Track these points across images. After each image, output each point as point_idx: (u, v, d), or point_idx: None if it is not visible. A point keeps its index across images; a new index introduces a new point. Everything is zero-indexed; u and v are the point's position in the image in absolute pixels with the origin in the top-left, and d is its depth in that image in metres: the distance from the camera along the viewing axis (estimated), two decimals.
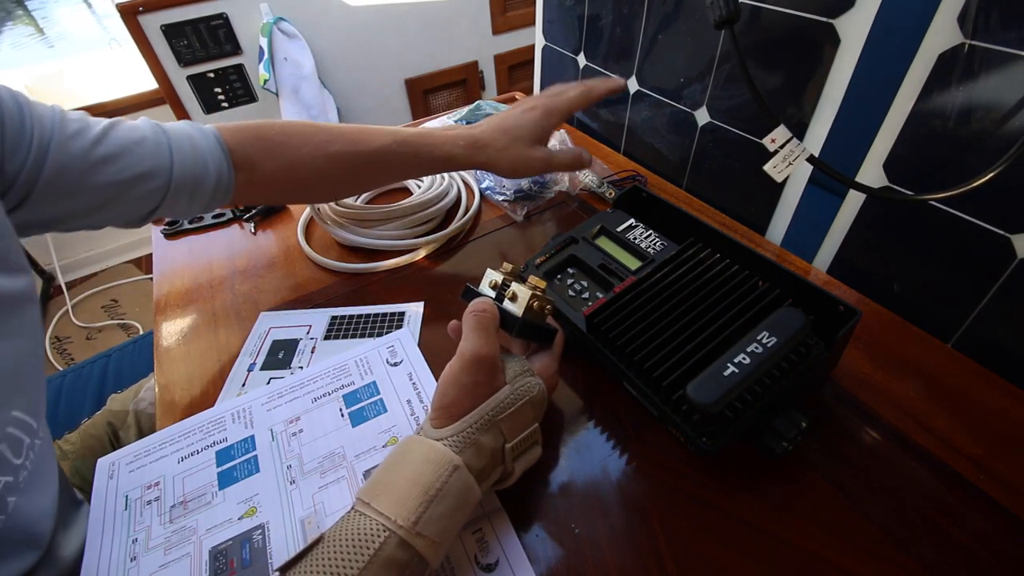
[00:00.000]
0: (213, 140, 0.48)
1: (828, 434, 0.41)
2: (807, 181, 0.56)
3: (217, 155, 0.47)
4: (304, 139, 0.51)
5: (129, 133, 0.44)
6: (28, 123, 0.38)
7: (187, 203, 0.47)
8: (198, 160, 0.46)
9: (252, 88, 1.65)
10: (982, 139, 0.41)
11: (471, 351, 0.35)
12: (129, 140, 0.43)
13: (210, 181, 0.47)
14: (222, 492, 0.40)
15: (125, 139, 0.43)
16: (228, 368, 0.51)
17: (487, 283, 0.42)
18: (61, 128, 0.40)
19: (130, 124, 0.45)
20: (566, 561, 0.36)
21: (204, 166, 0.46)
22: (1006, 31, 0.37)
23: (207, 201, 0.48)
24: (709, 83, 0.62)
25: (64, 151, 0.39)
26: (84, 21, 2.68)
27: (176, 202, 0.46)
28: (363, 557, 0.28)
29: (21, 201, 0.38)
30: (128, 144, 0.43)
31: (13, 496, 0.34)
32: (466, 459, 0.33)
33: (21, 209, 0.39)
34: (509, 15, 1.95)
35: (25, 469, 0.35)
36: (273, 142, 0.50)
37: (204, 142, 0.47)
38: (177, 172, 0.45)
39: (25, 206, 0.39)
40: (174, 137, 0.46)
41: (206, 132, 0.48)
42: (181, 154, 0.45)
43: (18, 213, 0.39)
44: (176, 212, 0.48)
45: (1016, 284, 0.42)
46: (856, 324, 0.40)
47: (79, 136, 0.41)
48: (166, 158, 0.45)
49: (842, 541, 0.35)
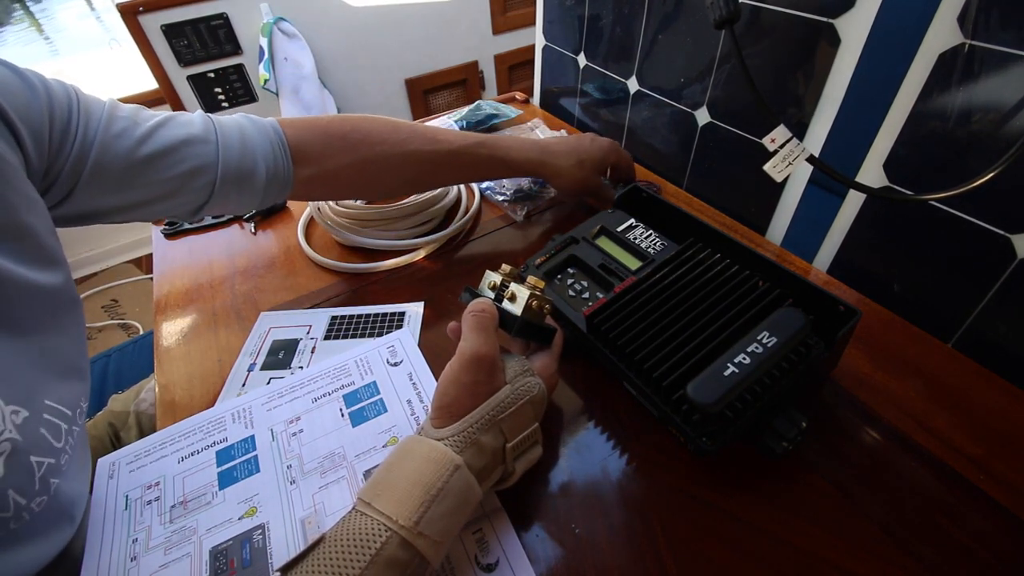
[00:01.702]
0: (270, 134, 0.48)
1: (828, 434, 0.41)
2: (807, 181, 0.56)
3: (269, 149, 0.48)
4: (381, 136, 0.52)
5: (177, 131, 0.44)
6: (76, 120, 0.39)
7: (237, 197, 0.48)
8: (246, 155, 0.46)
9: (252, 88, 1.65)
10: (982, 139, 0.41)
11: (471, 350, 0.35)
12: (176, 139, 0.43)
13: (260, 176, 0.47)
14: (222, 492, 0.40)
15: (172, 138, 0.43)
16: (228, 368, 0.51)
17: (486, 284, 0.42)
18: (107, 127, 0.41)
19: (182, 120, 0.45)
20: (566, 561, 0.36)
21: (252, 160, 0.47)
22: (1006, 31, 0.37)
23: (260, 196, 0.48)
24: (709, 83, 0.62)
25: (106, 151, 0.40)
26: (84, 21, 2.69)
27: (226, 197, 0.47)
28: (364, 557, 0.28)
29: (66, 196, 0.40)
30: (174, 143, 0.43)
31: (56, 478, 0.36)
32: (467, 459, 0.33)
33: (65, 204, 0.40)
34: (509, 15, 1.95)
35: (66, 453, 0.36)
36: (347, 139, 0.51)
37: (257, 136, 0.47)
38: (223, 168, 0.45)
39: (69, 201, 0.40)
40: (224, 131, 0.46)
41: (262, 126, 0.49)
42: (228, 149, 0.46)
43: (62, 207, 0.40)
44: (229, 206, 0.49)
45: (1016, 284, 0.42)
46: (856, 324, 0.40)
47: (124, 135, 0.41)
48: (212, 155, 0.45)
49: (842, 541, 0.35)
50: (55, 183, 0.39)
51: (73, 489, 0.39)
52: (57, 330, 0.37)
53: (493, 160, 0.57)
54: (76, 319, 0.40)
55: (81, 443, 0.41)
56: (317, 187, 0.52)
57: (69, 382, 0.38)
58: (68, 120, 0.39)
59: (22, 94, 0.36)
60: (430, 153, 0.54)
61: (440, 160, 0.55)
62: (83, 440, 0.42)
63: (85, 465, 0.42)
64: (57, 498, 0.36)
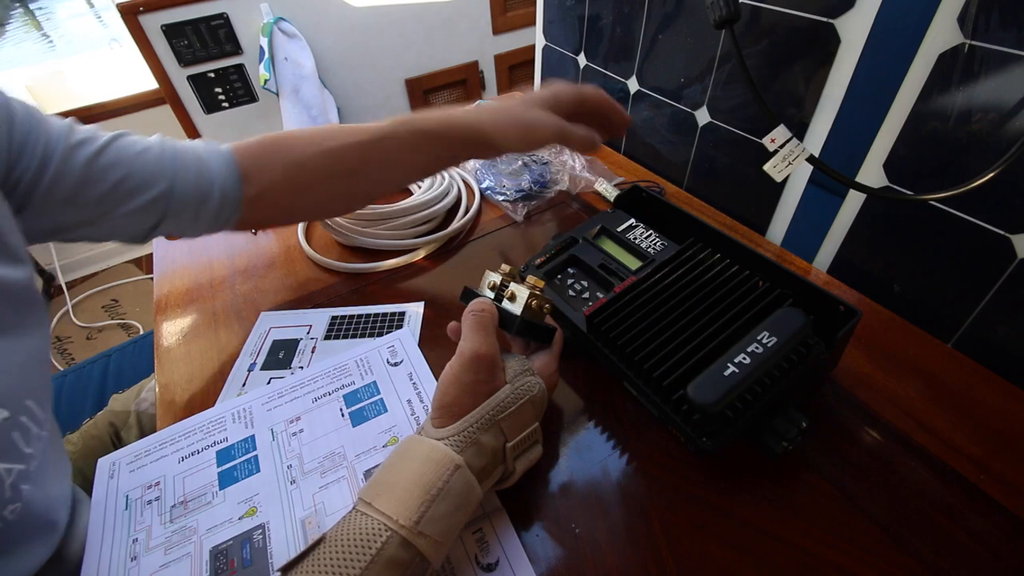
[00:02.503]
0: (225, 157, 0.47)
1: (828, 434, 0.41)
2: (807, 181, 0.56)
3: (224, 172, 0.47)
4: (308, 139, 0.49)
5: (132, 146, 0.43)
6: (37, 131, 0.39)
7: (192, 220, 0.46)
8: (203, 177, 0.45)
9: (252, 88, 1.65)
10: (982, 139, 0.41)
11: (470, 350, 0.35)
12: (131, 152, 0.43)
13: (215, 199, 0.46)
14: (222, 492, 0.40)
15: (127, 151, 0.43)
16: (228, 368, 0.51)
17: (485, 284, 0.42)
18: (67, 138, 0.40)
19: (136, 138, 0.45)
20: (566, 561, 0.36)
21: (209, 183, 0.46)
22: (1006, 31, 0.37)
23: (211, 219, 0.47)
24: (709, 83, 0.62)
25: (66, 160, 0.40)
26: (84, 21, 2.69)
27: (180, 219, 0.46)
28: (365, 557, 0.28)
29: (22, 207, 0.39)
30: (129, 156, 0.43)
31: (27, 484, 0.35)
32: (467, 458, 0.33)
33: (23, 215, 0.39)
34: (509, 15, 1.95)
35: (35, 458, 0.36)
36: (276, 146, 0.49)
37: (214, 160, 0.47)
38: (179, 187, 0.44)
39: (27, 212, 0.39)
40: (181, 153, 0.46)
41: (219, 151, 0.48)
42: (185, 170, 0.45)
43: (20, 219, 0.39)
44: (181, 228, 0.47)
45: (1016, 284, 0.42)
46: (856, 324, 0.40)
47: (83, 146, 0.41)
48: (167, 172, 0.44)
49: (842, 541, 0.35)
50: (15, 190, 0.38)
51: (49, 494, 0.38)
52: (31, 329, 0.37)
53: (418, 137, 0.48)
54: (42, 319, 0.39)
55: (53, 446, 0.40)
56: (263, 206, 0.49)
57: (43, 383, 0.38)
58: (29, 130, 0.38)
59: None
60: (353, 147, 0.48)
61: (362, 151, 0.48)
62: (57, 443, 0.41)
63: (61, 468, 0.41)
64: (31, 505, 0.35)
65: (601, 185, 0.70)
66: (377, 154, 0.49)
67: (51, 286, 1.91)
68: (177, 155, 0.45)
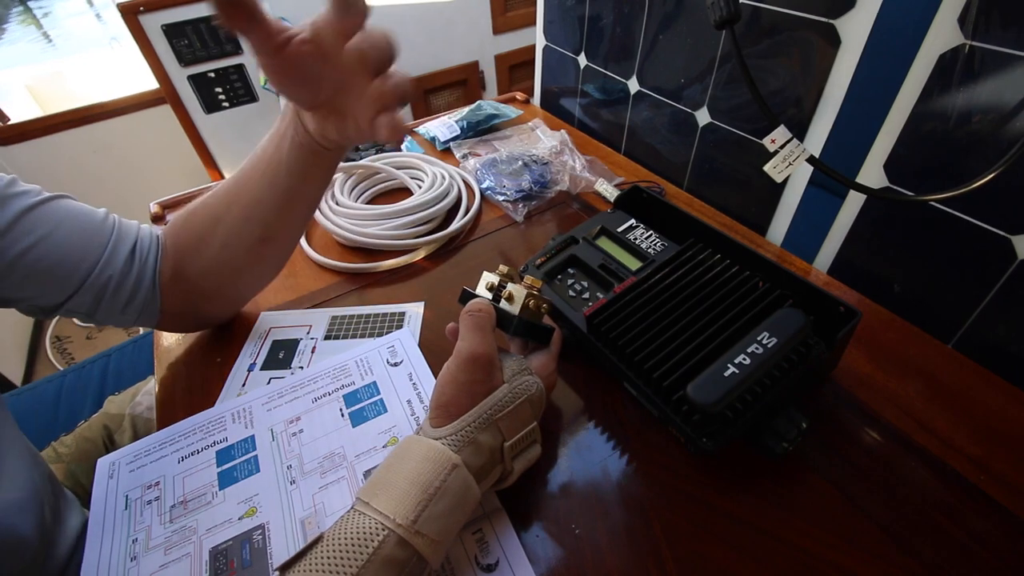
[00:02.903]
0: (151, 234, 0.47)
1: (828, 434, 0.41)
2: (807, 182, 0.56)
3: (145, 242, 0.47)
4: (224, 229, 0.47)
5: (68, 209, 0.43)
6: None
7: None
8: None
9: (253, 88, 1.65)
10: (982, 140, 0.41)
11: (468, 349, 0.35)
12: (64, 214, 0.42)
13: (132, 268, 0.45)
14: (222, 492, 0.40)
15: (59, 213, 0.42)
16: (228, 368, 0.51)
17: (483, 285, 0.42)
18: (8, 186, 0.39)
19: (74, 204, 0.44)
20: (566, 561, 0.36)
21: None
22: (1006, 32, 0.37)
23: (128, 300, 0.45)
24: (710, 83, 0.62)
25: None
26: (85, 20, 2.69)
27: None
28: (362, 556, 0.28)
29: None
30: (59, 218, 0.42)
31: None
32: (464, 457, 0.33)
33: None
34: (509, 15, 1.95)
35: None
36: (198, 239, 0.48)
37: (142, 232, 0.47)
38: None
39: None
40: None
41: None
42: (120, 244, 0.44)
43: None
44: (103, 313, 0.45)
45: (1016, 284, 0.42)
46: (856, 324, 0.40)
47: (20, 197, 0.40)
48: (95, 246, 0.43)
49: (842, 541, 0.35)
50: None
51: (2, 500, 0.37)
52: None
53: (263, 160, 0.45)
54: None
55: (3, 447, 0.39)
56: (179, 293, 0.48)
57: None
58: None
59: None
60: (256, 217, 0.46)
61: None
62: (8, 444, 0.40)
63: (16, 473, 0.40)
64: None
65: (601, 185, 0.70)
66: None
67: None
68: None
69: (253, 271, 0.52)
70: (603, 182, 0.70)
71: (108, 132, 1.79)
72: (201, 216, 0.48)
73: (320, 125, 0.41)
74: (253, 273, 0.52)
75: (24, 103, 1.99)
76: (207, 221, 0.47)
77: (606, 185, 0.69)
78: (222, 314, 0.56)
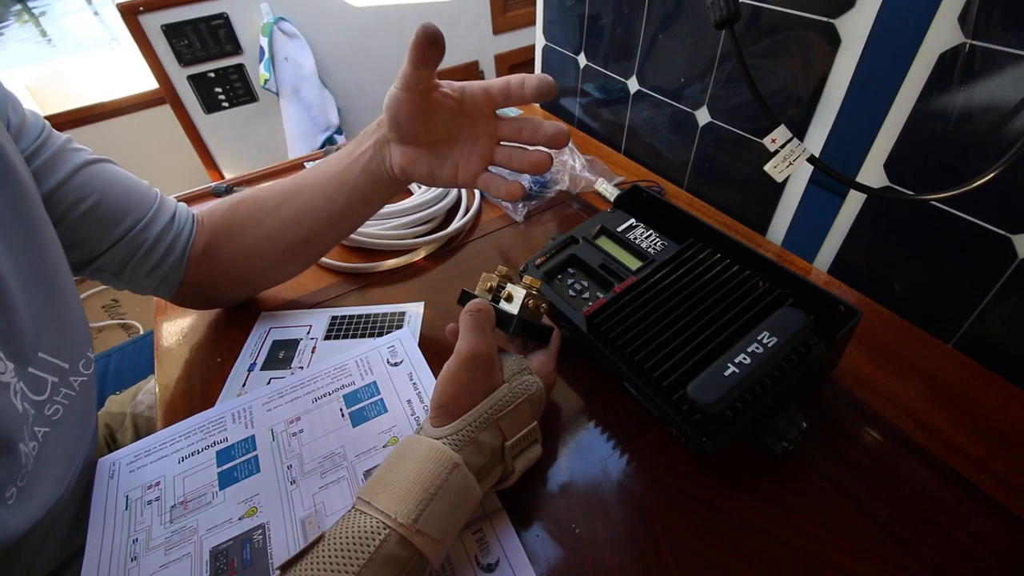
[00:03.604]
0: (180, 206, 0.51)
1: (828, 434, 0.41)
2: (808, 181, 0.56)
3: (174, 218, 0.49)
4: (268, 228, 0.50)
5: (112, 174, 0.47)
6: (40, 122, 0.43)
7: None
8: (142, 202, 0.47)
9: (253, 88, 1.65)
10: (983, 139, 0.41)
11: (467, 349, 0.35)
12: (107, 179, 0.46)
13: (154, 230, 0.47)
14: (222, 492, 0.40)
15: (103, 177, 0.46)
16: (228, 368, 0.51)
17: (483, 287, 0.42)
18: (66, 141, 0.44)
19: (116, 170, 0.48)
20: (566, 561, 0.36)
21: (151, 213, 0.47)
22: (1007, 31, 0.37)
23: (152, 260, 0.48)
24: (710, 83, 0.62)
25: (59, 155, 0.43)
26: (85, 20, 2.69)
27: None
28: (363, 555, 0.28)
29: None
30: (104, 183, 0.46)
31: (45, 427, 0.38)
32: (465, 457, 0.33)
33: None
34: (509, 15, 1.95)
35: (53, 403, 0.38)
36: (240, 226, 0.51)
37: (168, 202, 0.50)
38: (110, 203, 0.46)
39: None
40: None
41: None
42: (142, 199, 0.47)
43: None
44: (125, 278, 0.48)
45: (1016, 284, 0.42)
46: (857, 324, 0.40)
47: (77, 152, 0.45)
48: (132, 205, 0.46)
49: (842, 541, 0.35)
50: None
51: (68, 441, 0.40)
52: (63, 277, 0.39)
53: (319, 180, 0.49)
54: (68, 278, 0.41)
55: (80, 400, 0.41)
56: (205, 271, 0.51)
57: (69, 335, 0.40)
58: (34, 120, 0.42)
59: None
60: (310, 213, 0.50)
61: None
62: (83, 397, 0.42)
63: (83, 424, 0.42)
64: (46, 447, 0.37)
65: (601, 185, 0.70)
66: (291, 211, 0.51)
67: None
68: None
69: (284, 266, 0.54)
70: (603, 182, 0.70)
71: (108, 132, 1.79)
72: (249, 206, 0.51)
73: (409, 161, 0.45)
74: (283, 268, 0.55)
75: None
76: (254, 211, 0.50)
77: (606, 185, 0.69)
78: (237, 296, 0.58)
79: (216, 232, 0.51)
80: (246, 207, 0.51)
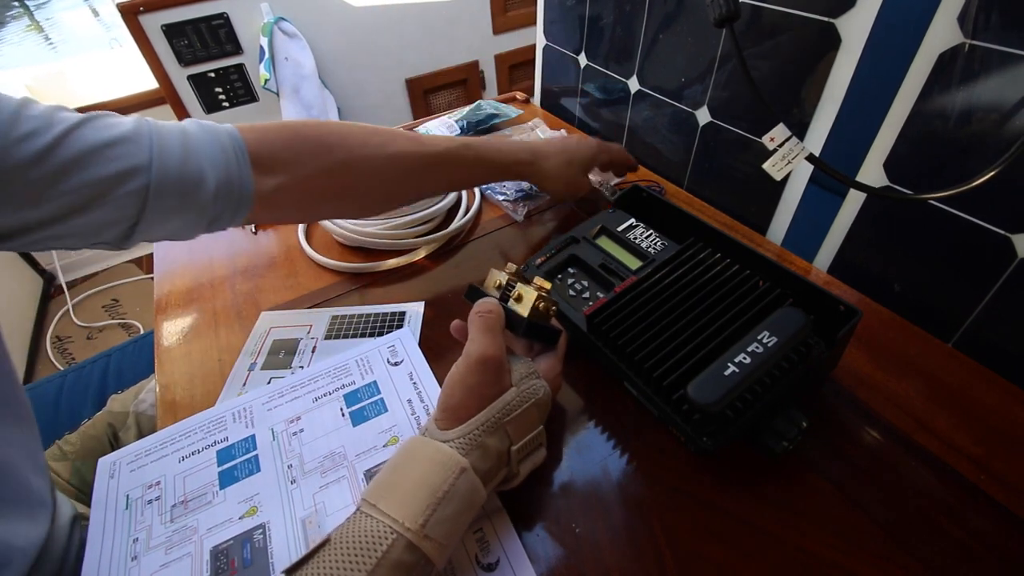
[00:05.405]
0: (222, 139, 0.42)
1: (828, 434, 0.41)
2: (808, 181, 0.56)
3: (220, 155, 0.41)
4: (361, 139, 0.48)
5: (100, 133, 0.37)
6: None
7: (179, 213, 0.40)
8: (189, 160, 0.39)
9: (253, 88, 1.65)
10: (982, 138, 0.41)
11: (478, 352, 0.35)
12: (98, 141, 0.36)
13: (208, 186, 0.40)
14: (223, 491, 0.40)
15: (93, 140, 0.36)
16: (229, 368, 0.51)
17: (491, 283, 0.42)
18: (10, 128, 0.33)
19: (107, 122, 0.38)
20: (566, 561, 0.36)
21: (197, 167, 0.40)
22: (1006, 31, 0.37)
23: (209, 212, 0.41)
24: (710, 83, 0.62)
25: (7, 156, 0.33)
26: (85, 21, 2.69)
27: (164, 213, 0.39)
28: (371, 560, 0.28)
29: None
30: (96, 145, 0.36)
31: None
32: (472, 461, 0.33)
33: None
34: (510, 15, 1.95)
35: None
36: (321, 142, 0.46)
37: (205, 139, 0.41)
38: (158, 173, 0.38)
39: None
40: (160, 133, 0.40)
41: (214, 130, 0.43)
42: (165, 152, 0.38)
43: None
44: (169, 225, 0.41)
45: (1016, 284, 0.42)
46: (856, 324, 0.40)
47: (32, 138, 0.34)
48: (144, 157, 0.37)
49: (842, 541, 0.35)
50: None
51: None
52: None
53: (480, 162, 0.54)
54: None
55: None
56: (284, 201, 0.45)
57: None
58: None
59: None
60: (416, 155, 0.50)
61: (427, 163, 0.51)
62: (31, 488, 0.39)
63: (22, 512, 0.38)
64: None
65: (601, 185, 0.70)
66: (438, 169, 0.53)
67: (52, 286, 1.91)
68: (157, 138, 0.39)
69: (346, 203, 0.51)
70: (603, 181, 0.70)
71: None
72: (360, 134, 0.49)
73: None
74: (343, 204, 0.51)
75: None
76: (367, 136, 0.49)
77: (606, 184, 0.69)
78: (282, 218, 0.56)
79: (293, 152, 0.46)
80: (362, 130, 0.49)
